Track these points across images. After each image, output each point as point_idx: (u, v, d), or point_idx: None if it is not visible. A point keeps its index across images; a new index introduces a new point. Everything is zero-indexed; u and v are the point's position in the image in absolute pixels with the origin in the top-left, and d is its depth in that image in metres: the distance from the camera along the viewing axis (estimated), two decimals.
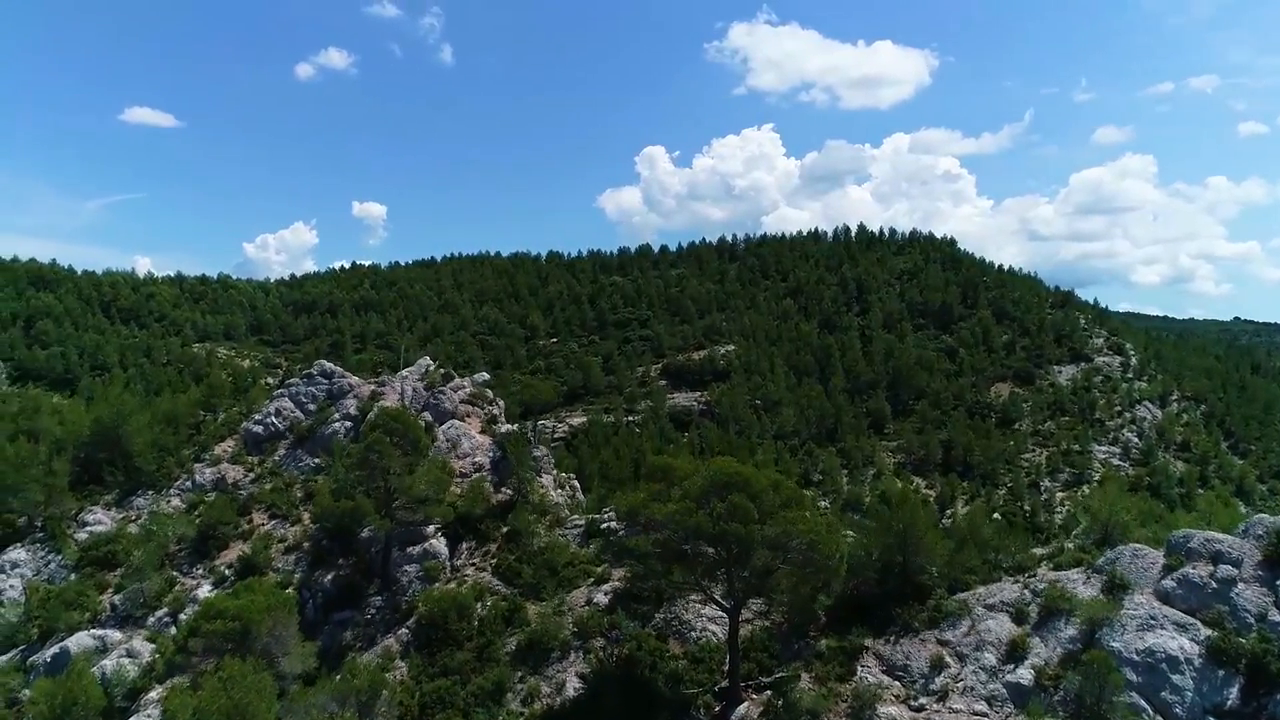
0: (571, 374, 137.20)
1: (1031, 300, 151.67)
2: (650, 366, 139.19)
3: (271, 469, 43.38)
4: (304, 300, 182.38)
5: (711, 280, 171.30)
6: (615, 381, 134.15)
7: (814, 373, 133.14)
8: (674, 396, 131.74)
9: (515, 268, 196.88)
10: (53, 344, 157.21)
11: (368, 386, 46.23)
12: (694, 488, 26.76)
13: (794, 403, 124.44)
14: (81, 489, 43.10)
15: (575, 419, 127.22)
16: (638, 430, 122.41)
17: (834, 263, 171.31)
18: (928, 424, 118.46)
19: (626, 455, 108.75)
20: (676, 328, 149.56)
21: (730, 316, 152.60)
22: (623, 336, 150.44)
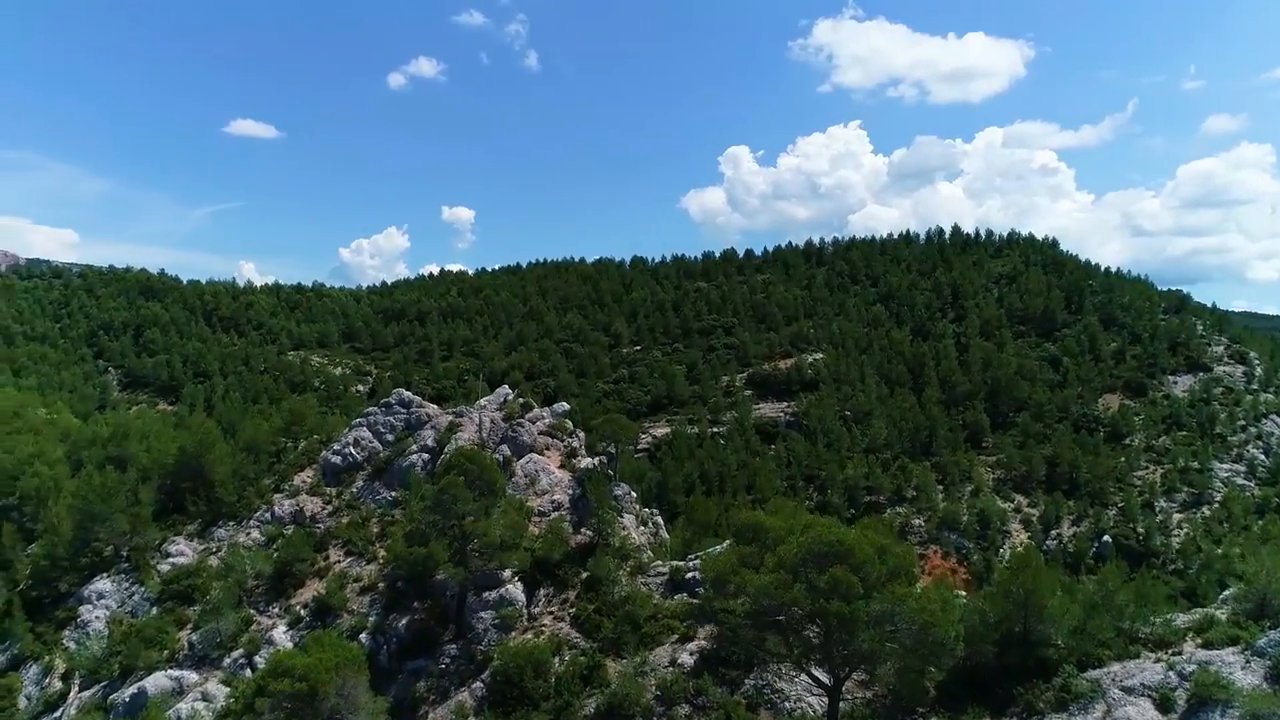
0: (655, 383, 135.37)
1: (1143, 305, 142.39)
2: (735, 376, 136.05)
3: (349, 501, 42.59)
4: (393, 308, 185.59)
5: (798, 285, 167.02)
6: (699, 391, 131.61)
7: (907, 383, 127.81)
8: (760, 407, 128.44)
9: (599, 273, 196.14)
10: (159, 352, 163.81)
11: (445, 417, 45.06)
12: (789, 555, 24.16)
13: (885, 414, 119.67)
14: (165, 518, 43.15)
15: (659, 430, 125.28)
16: (722, 442, 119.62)
17: (927, 266, 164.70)
18: (1029, 438, 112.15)
19: (714, 496, 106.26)
20: (762, 335, 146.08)
21: (818, 323, 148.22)
22: (707, 344, 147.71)
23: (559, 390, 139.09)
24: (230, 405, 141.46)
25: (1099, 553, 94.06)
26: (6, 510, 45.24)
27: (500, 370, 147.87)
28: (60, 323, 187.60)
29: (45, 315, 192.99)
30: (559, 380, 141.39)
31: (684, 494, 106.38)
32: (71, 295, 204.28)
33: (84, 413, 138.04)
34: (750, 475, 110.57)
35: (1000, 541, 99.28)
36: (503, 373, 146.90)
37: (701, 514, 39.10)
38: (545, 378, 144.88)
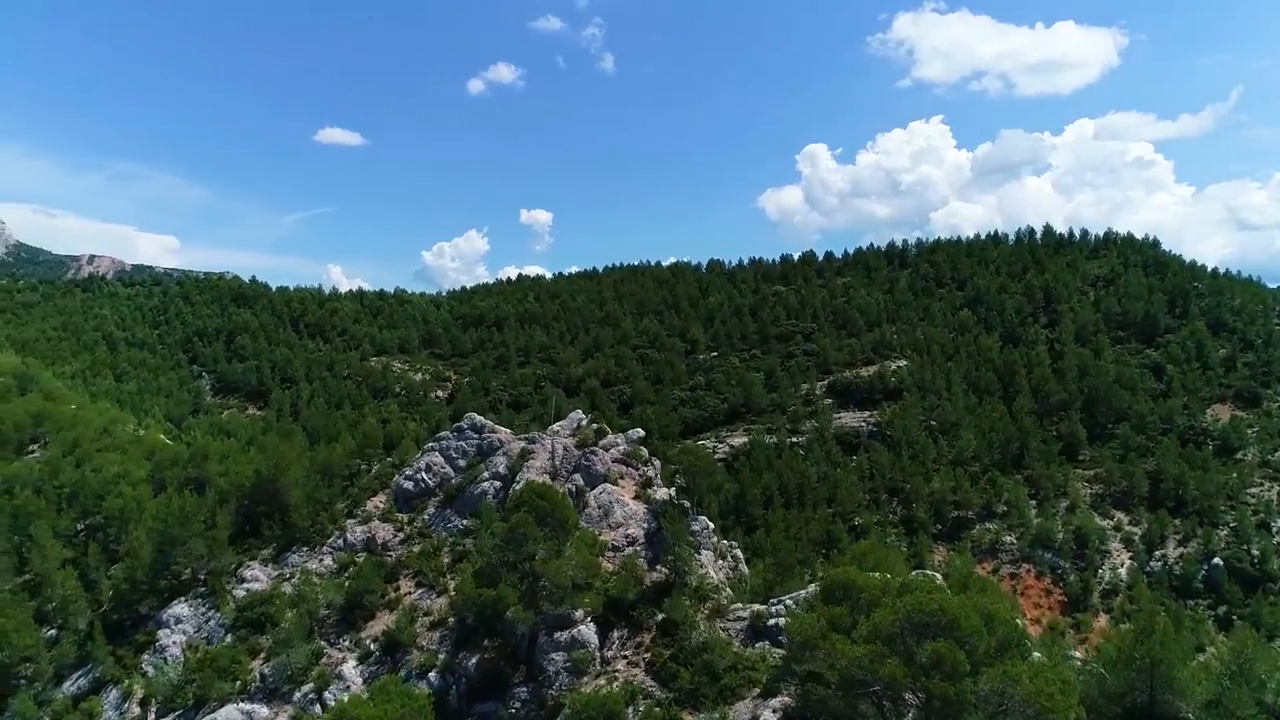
0: (732, 391, 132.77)
1: (1255, 308, 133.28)
2: (815, 383, 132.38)
3: (420, 529, 41.87)
4: (472, 314, 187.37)
5: (880, 289, 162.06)
6: (778, 399, 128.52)
7: (996, 391, 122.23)
8: (841, 416, 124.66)
9: (675, 278, 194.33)
10: (249, 358, 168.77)
11: (518, 443, 43.94)
12: (885, 623, 21.92)
13: (974, 424, 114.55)
14: (242, 542, 43.21)
15: (736, 439, 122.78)
16: (802, 453, 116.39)
17: (1017, 268, 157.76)
18: (1130, 451, 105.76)
19: (793, 509, 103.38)
20: (843, 341, 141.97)
21: (902, 329, 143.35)
22: (786, 351, 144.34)
23: (635, 398, 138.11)
24: (315, 411, 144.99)
25: (1209, 576, 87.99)
26: (93, 529, 46.06)
27: (576, 377, 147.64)
28: (159, 329, 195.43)
29: (145, 322, 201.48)
30: (635, 388, 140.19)
31: (762, 506, 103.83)
32: (169, 302, 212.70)
33: (179, 417, 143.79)
34: (831, 487, 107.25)
35: (1099, 562, 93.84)
36: (579, 380, 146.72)
37: (786, 553, 36.66)
38: (621, 385, 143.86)
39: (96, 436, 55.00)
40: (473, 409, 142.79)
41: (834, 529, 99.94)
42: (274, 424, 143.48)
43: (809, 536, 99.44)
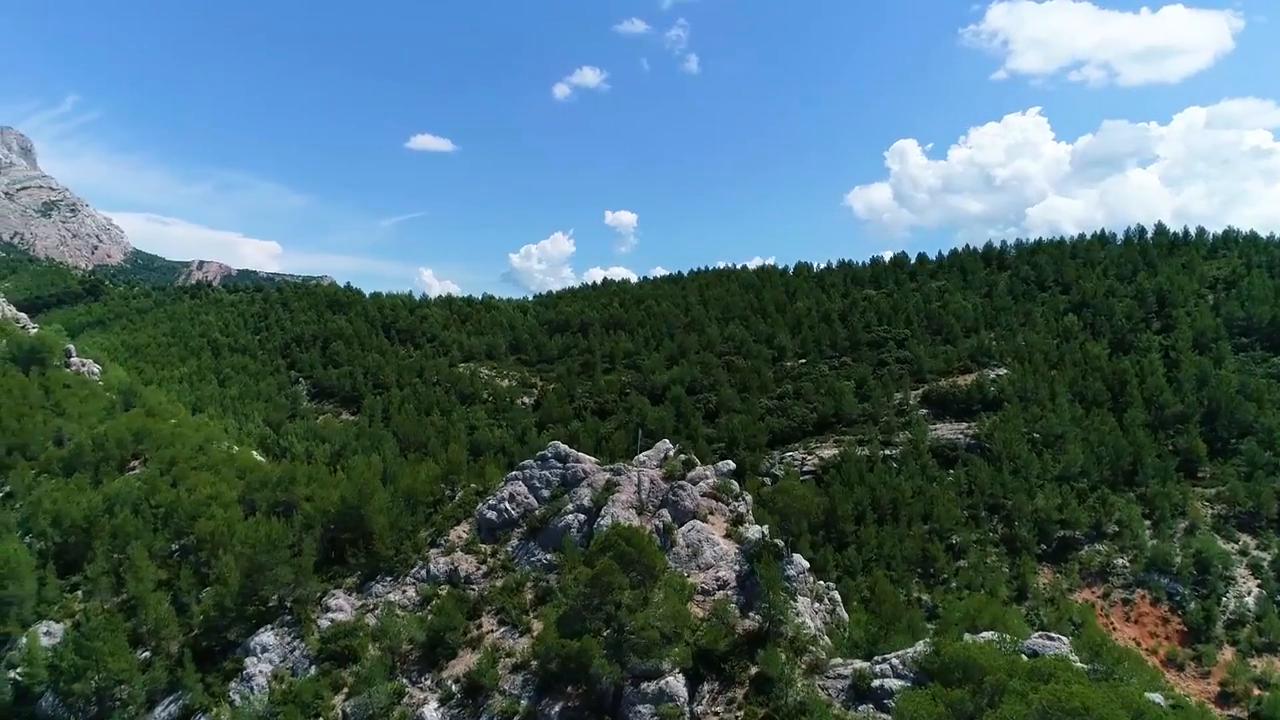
0: (821, 400, 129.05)
1: None
2: (909, 393, 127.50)
3: (504, 562, 40.80)
4: (558, 319, 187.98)
5: (977, 292, 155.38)
6: (870, 409, 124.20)
7: (1105, 402, 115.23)
8: (936, 428, 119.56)
9: (762, 281, 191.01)
10: (343, 364, 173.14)
11: (602, 474, 42.39)
12: (1016, 718, 19.43)
13: (1081, 438, 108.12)
14: (327, 569, 42.97)
15: (825, 450, 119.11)
16: (895, 466, 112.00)
17: (1127, 270, 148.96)
18: (1257, 468, 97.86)
19: (886, 525, 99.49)
20: (938, 348, 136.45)
21: (1001, 335, 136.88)
22: (877, 358, 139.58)
23: (720, 406, 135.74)
24: (405, 417, 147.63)
25: None
26: (186, 551, 46.67)
27: (661, 384, 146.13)
28: (260, 335, 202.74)
29: (247, 328, 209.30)
30: (720, 395, 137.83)
31: (854, 522, 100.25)
32: (270, 309, 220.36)
33: (277, 422, 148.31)
34: (927, 503, 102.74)
35: (1222, 589, 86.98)
36: (663, 387, 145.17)
37: (890, 604, 33.61)
38: (706, 392, 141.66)
39: (192, 454, 56.04)
40: (558, 416, 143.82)
41: (930, 547, 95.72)
42: (366, 430, 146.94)
43: (903, 555, 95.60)
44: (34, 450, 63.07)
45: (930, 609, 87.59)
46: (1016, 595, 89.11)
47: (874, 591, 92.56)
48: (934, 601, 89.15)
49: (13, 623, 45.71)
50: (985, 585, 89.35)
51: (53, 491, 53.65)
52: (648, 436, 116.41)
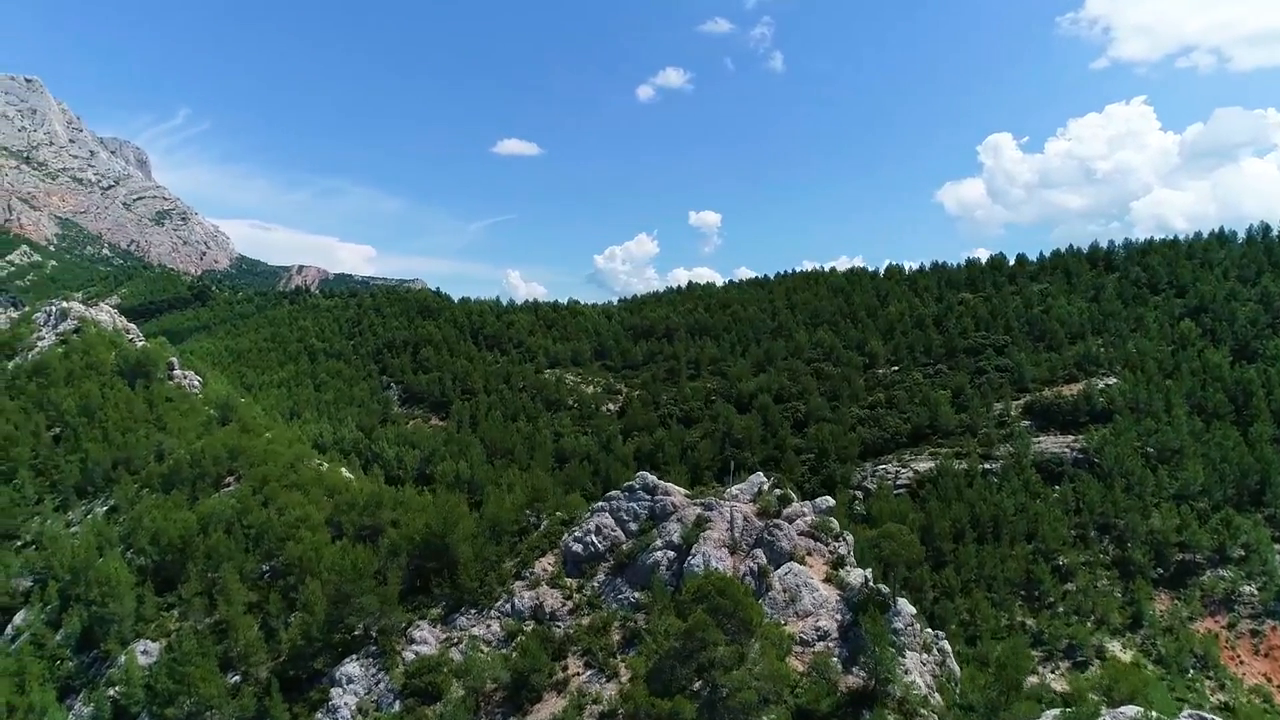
0: (916, 410, 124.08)
1: None
2: (1010, 403, 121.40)
3: (590, 598, 39.35)
4: (642, 325, 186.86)
5: (1084, 296, 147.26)
6: (968, 420, 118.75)
7: (1228, 415, 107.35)
8: (1040, 440, 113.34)
9: (851, 285, 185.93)
10: (432, 369, 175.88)
11: (693, 509, 40.42)
12: None
13: (1201, 453, 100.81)
14: (411, 599, 42.34)
15: (921, 463, 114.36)
16: (995, 480, 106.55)
17: (1249, 272, 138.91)
18: None
19: (987, 545, 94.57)
20: (1041, 356, 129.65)
21: (1110, 342, 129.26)
22: (975, 366, 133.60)
23: (809, 415, 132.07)
24: (492, 424, 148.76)
25: None
26: (276, 573, 46.85)
27: (747, 392, 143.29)
28: (353, 340, 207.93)
29: (341, 333, 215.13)
30: (809, 404, 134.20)
31: (952, 540, 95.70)
32: (363, 315, 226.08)
33: (369, 426, 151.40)
34: (1031, 521, 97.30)
35: None
36: (750, 395, 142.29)
37: (1012, 662, 30.21)
38: (795, 401, 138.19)
39: (283, 473, 56.56)
40: (642, 423, 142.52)
41: (1035, 569, 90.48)
42: (454, 436, 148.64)
43: (1005, 576, 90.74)
44: (137, 464, 65.18)
45: (1036, 635, 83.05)
46: (1130, 623, 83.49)
47: (974, 615, 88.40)
48: (1039, 627, 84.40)
49: (112, 640, 46.81)
50: (1095, 611, 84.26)
51: (152, 509, 54.94)
52: (737, 464, 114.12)
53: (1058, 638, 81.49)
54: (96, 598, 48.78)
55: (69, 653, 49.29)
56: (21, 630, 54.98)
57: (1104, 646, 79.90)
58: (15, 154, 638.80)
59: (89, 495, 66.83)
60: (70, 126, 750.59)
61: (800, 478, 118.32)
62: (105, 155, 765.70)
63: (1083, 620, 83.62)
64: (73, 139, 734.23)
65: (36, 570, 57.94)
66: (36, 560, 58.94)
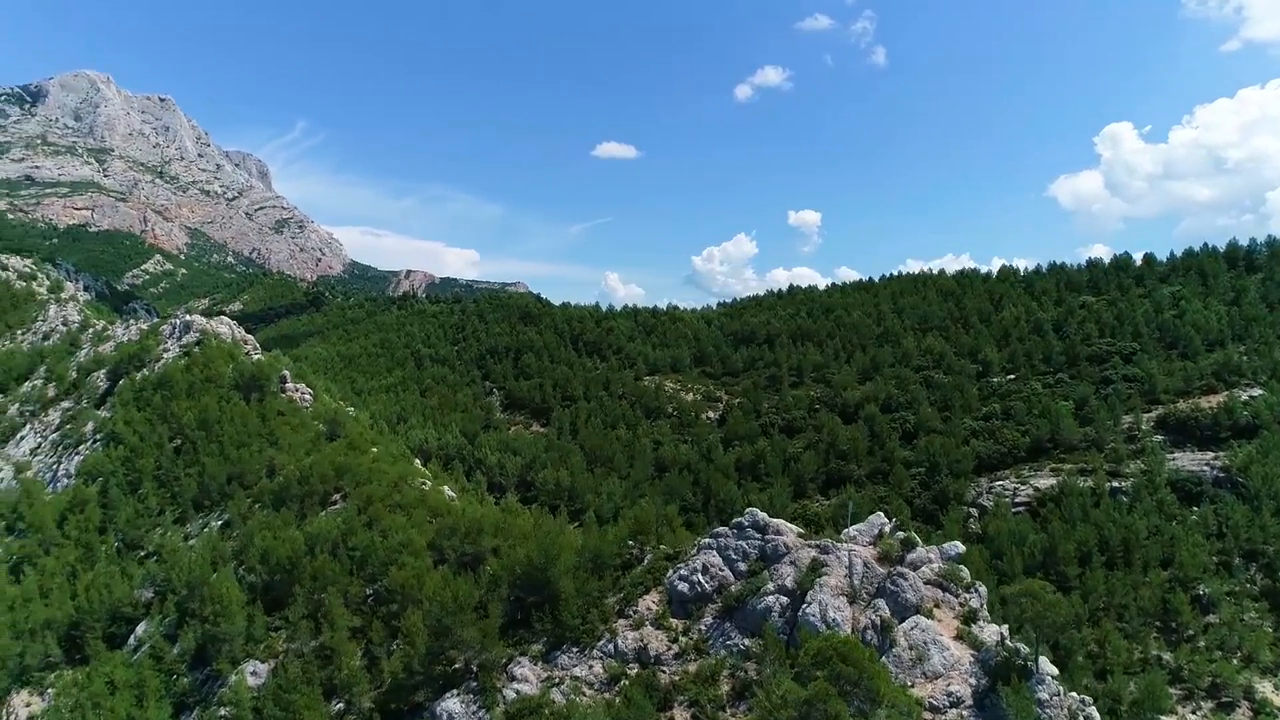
0: (1035, 422, 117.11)
1: None
2: (1140, 416, 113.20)
3: (697, 642, 37.30)
4: (743, 330, 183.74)
5: (1222, 300, 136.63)
6: (1093, 434, 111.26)
7: None
8: (1175, 457, 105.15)
9: (962, 288, 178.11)
10: (533, 375, 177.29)
11: (807, 551, 37.82)
12: None
13: None
14: (512, 632, 41.29)
15: (1041, 480, 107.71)
16: (1125, 500, 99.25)
17: None
18: None
19: (1117, 570, 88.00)
20: (1174, 365, 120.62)
21: (1254, 349, 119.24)
22: (1100, 375, 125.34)
23: (919, 426, 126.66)
24: (592, 431, 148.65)
25: None
26: (379, 599, 46.71)
27: (853, 401, 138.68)
28: (458, 345, 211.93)
29: (446, 339, 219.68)
30: (919, 415, 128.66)
31: (1078, 564, 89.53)
32: (467, 320, 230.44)
33: (473, 433, 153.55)
34: (1166, 546, 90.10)
35: None
36: (855, 404, 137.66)
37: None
38: (903, 411, 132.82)
39: (387, 493, 56.77)
40: (744, 433, 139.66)
41: (1172, 598, 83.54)
42: (554, 443, 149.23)
43: (1139, 605, 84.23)
44: (249, 479, 66.92)
45: (1174, 672, 76.71)
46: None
47: (1103, 646, 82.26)
48: (1178, 662, 77.94)
49: (223, 660, 47.61)
50: (1242, 647, 77.26)
51: (262, 527, 56.00)
52: (843, 477, 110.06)
53: (1199, 675, 74.74)
54: (209, 615, 49.73)
55: (184, 668, 50.44)
56: (143, 641, 56.86)
57: (1253, 686, 72.97)
58: (150, 169, 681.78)
59: (205, 509, 68.97)
60: (199, 142, 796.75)
61: (910, 493, 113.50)
62: (230, 168, 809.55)
63: (1227, 656, 76.67)
64: (201, 153, 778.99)
65: (157, 583, 59.86)
66: (157, 572, 60.91)
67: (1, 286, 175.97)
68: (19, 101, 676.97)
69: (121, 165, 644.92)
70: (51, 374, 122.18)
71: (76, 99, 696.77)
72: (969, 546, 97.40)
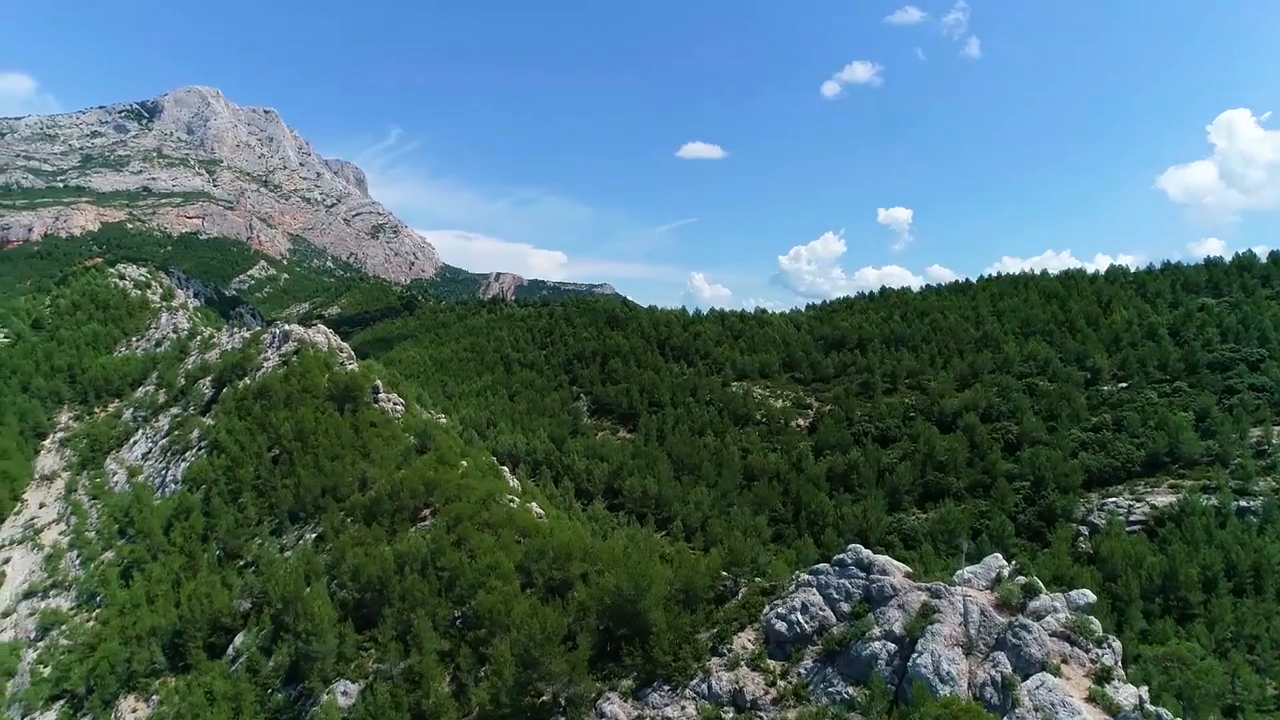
0: (1150, 434, 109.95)
1: None
2: (1271, 429, 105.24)
3: (796, 688, 35.05)
4: (833, 335, 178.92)
5: None
6: (1217, 448, 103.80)
7: None
8: None
9: (1067, 289, 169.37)
10: (620, 380, 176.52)
11: (916, 594, 34.96)
12: None
13: None
14: (601, 665, 39.86)
15: (1159, 497, 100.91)
16: (1255, 521, 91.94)
17: None
18: None
19: (1247, 598, 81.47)
20: None
21: None
22: (1224, 384, 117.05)
23: (1022, 437, 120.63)
24: (679, 438, 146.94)
25: None
26: (468, 622, 46.05)
27: (951, 410, 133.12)
28: (545, 350, 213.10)
29: (534, 343, 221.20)
30: (1022, 425, 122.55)
31: (1202, 590, 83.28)
32: (555, 325, 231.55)
33: (560, 438, 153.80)
34: None
35: None
36: (953, 413, 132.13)
37: None
38: (1005, 420, 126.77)
39: (476, 510, 56.31)
40: (835, 441, 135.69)
41: None
42: (641, 449, 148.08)
43: (1273, 638, 77.80)
44: (342, 492, 67.70)
45: None
46: None
47: (1233, 681, 76.11)
48: None
49: (315, 678, 47.80)
50: None
51: (354, 543, 56.28)
52: (939, 490, 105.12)
53: None
54: (303, 631, 50.03)
55: (278, 683, 50.92)
56: (240, 652, 57.90)
57: None
58: (256, 178, 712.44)
59: (300, 520, 70.07)
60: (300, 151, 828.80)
61: (1013, 508, 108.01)
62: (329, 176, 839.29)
63: None
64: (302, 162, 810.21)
65: (255, 594, 60.92)
66: (255, 584, 62.01)
67: (119, 295, 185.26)
68: (137, 117, 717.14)
69: (229, 175, 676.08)
70: (162, 380, 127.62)
71: (189, 113, 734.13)
72: (1079, 568, 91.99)
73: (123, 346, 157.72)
